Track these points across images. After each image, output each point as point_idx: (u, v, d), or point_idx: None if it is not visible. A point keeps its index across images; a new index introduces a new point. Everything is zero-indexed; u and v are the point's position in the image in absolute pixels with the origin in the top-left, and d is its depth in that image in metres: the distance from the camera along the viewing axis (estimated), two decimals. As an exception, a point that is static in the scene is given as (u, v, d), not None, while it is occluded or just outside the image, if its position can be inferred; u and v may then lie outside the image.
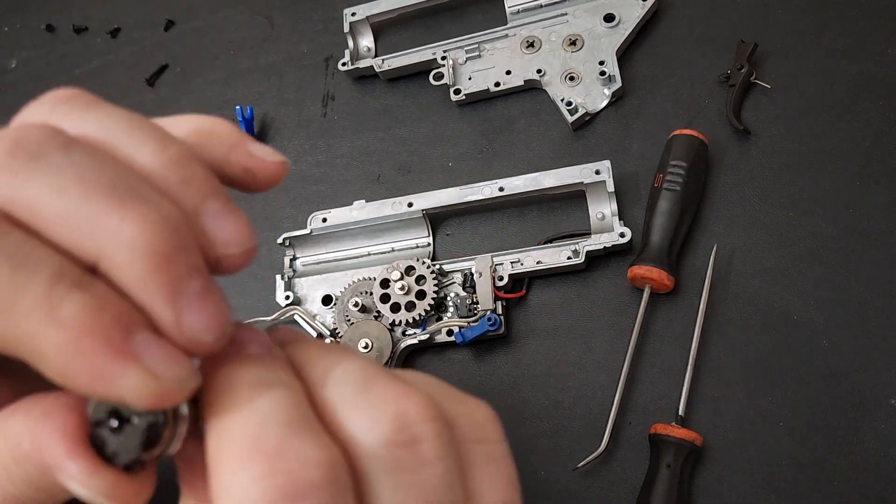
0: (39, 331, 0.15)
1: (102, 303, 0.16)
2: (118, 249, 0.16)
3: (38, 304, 0.15)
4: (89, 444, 0.17)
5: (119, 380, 0.15)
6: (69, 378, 0.15)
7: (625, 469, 0.45)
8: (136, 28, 0.75)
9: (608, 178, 0.49)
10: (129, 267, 0.16)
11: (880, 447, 0.42)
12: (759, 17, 0.55)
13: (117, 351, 0.15)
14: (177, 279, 0.16)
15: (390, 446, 0.17)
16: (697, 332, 0.46)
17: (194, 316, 0.16)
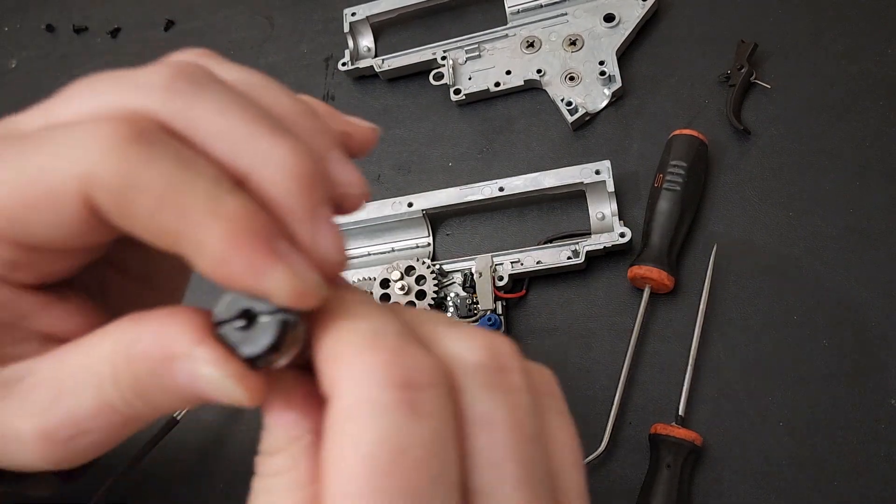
0: (203, 223, 0.17)
1: (256, 207, 0.18)
2: (270, 168, 0.18)
3: (203, 199, 0.17)
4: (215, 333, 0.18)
5: (268, 274, 0.17)
6: (224, 268, 0.17)
7: (625, 469, 0.45)
8: (136, 28, 0.75)
9: (608, 178, 0.49)
10: (278, 184, 0.18)
11: (880, 447, 0.42)
12: (759, 17, 0.55)
13: (269, 248, 0.18)
14: (317, 202, 0.19)
15: (485, 368, 0.20)
16: (697, 332, 0.46)
17: (327, 236, 0.19)
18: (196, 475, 0.52)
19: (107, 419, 0.20)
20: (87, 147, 0.18)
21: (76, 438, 0.21)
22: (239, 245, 0.17)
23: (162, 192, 0.17)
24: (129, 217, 0.18)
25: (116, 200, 0.18)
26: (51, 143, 0.18)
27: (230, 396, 0.19)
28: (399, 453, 0.17)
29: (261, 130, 0.19)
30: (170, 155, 0.18)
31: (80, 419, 0.20)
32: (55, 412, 0.20)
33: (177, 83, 0.20)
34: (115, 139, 0.18)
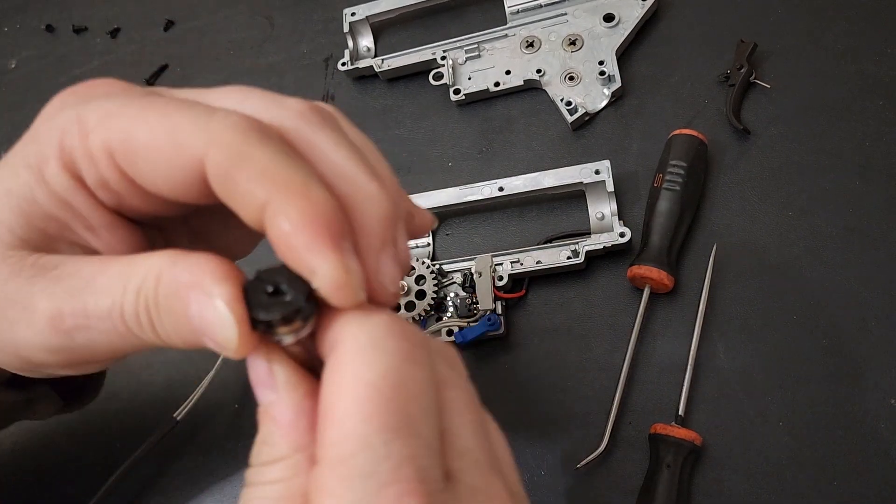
0: (288, 197, 0.20)
1: (338, 209, 0.21)
2: (365, 199, 0.22)
3: (296, 180, 0.21)
4: (241, 288, 0.21)
5: (322, 256, 0.21)
6: (291, 239, 0.21)
7: (625, 469, 0.45)
8: (136, 28, 0.75)
9: (608, 178, 0.49)
10: (367, 213, 0.22)
11: (880, 447, 0.42)
12: (759, 17, 0.55)
13: (334, 237, 0.21)
14: (392, 235, 0.23)
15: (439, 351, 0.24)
16: (697, 332, 0.46)
17: (390, 265, 0.23)
18: (196, 475, 0.52)
19: (112, 324, 0.23)
20: (219, 123, 0.21)
21: (78, 330, 0.23)
22: (311, 223, 0.20)
23: (265, 167, 0.21)
24: (232, 183, 0.21)
25: (227, 166, 0.21)
26: (193, 111, 0.22)
27: (224, 337, 0.21)
28: (399, 386, 0.21)
29: (365, 171, 0.23)
30: (280, 148, 0.21)
31: (90, 313, 0.23)
32: (72, 301, 0.23)
33: (311, 115, 0.23)
34: (240, 124, 0.21)
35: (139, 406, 0.56)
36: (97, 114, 0.23)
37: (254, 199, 0.21)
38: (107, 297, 0.22)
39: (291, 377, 0.22)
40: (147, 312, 0.22)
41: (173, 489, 0.52)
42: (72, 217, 0.24)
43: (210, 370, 0.51)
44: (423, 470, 0.20)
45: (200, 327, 0.21)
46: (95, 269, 0.23)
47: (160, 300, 0.22)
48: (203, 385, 0.51)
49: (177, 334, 0.22)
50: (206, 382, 0.51)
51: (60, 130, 0.23)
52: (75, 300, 0.23)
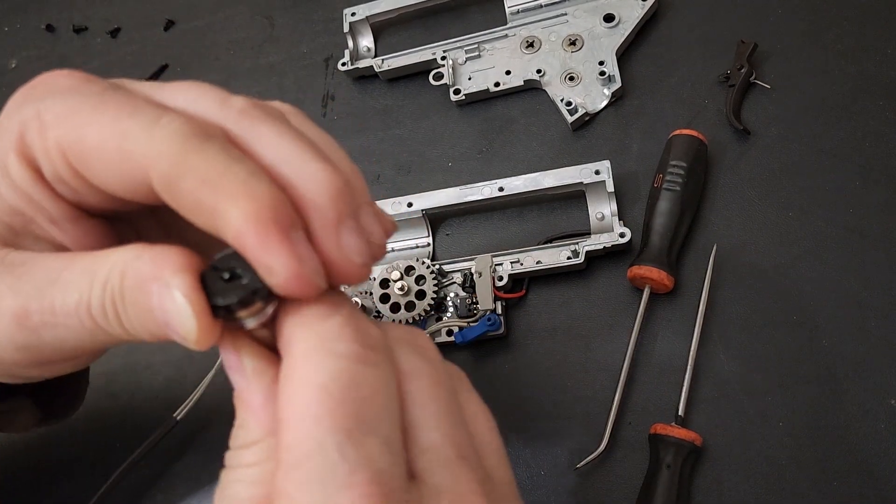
0: (232, 199, 0.21)
1: (283, 199, 0.21)
2: (309, 179, 0.22)
3: (237, 182, 0.21)
4: (198, 277, 0.21)
5: (275, 251, 0.21)
6: (241, 237, 0.21)
7: (625, 469, 0.45)
8: (136, 28, 0.75)
9: (608, 179, 0.49)
10: (314, 193, 0.22)
11: (880, 447, 0.42)
12: (759, 17, 0.55)
13: (283, 231, 0.21)
14: (346, 212, 0.22)
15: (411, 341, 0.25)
16: (697, 332, 0.46)
17: (351, 239, 0.22)
18: (196, 475, 0.52)
19: (79, 320, 0.23)
20: (161, 130, 0.22)
21: (45, 328, 0.23)
22: (256, 222, 0.20)
23: (205, 174, 0.21)
24: (176, 193, 0.21)
25: (169, 177, 0.21)
26: (141, 116, 0.22)
27: (185, 328, 0.21)
28: (350, 387, 0.21)
29: (308, 154, 0.23)
30: (221, 150, 0.22)
31: (57, 309, 0.23)
32: (38, 297, 0.23)
33: (253, 111, 0.23)
34: (182, 131, 0.22)
35: (139, 406, 0.56)
36: (54, 111, 0.23)
37: (200, 206, 0.21)
38: (73, 292, 0.23)
39: (258, 364, 0.22)
40: (113, 306, 0.22)
41: (173, 489, 0.52)
42: (35, 210, 0.24)
43: (210, 370, 0.51)
44: (381, 472, 0.20)
45: (163, 319, 0.21)
46: (62, 265, 0.23)
47: (125, 293, 0.22)
48: (203, 385, 0.51)
49: (143, 327, 0.22)
50: (206, 382, 0.51)
51: (21, 125, 0.23)
52: (42, 297, 0.23)
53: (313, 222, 0.22)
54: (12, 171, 0.24)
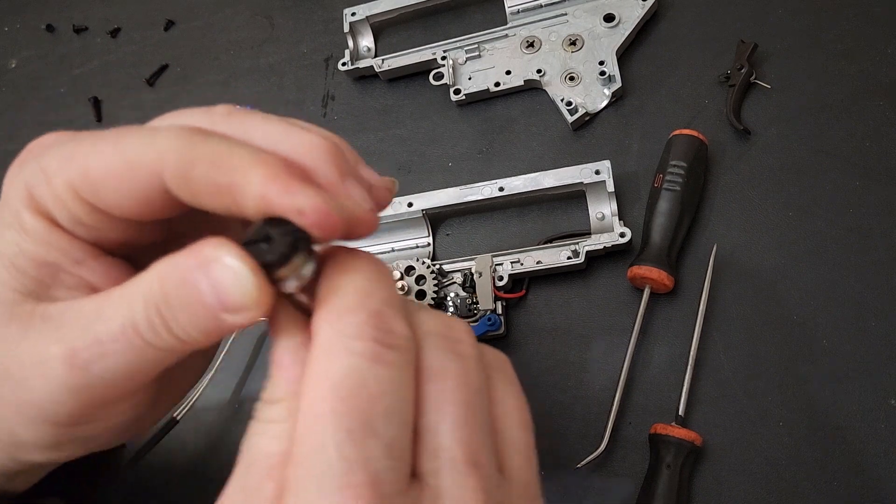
0: (248, 171, 0.22)
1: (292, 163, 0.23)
2: (305, 148, 0.24)
3: (246, 156, 0.22)
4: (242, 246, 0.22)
5: (299, 193, 0.22)
6: (265, 196, 0.22)
7: (625, 469, 0.45)
8: (136, 28, 0.75)
9: (608, 178, 0.49)
10: (312, 158, 0.24)
11: (880, 447, 0.42)
12: (759, 17, 0.55)
13: (301, 179, 0.22)
14: (344, 168, 0.24)
15: (443, 335, 0.24)
16: (697, 332, 0.46)
17: (355, 189, 0.24)
18: (196, 475, 0.52)
19: (127, 342, 0.23)
20: (161, 137, 0.23)
21: (94, 361, 0.23)
22: (276, 177, 0.22)
23: (214, 157, 0.22)
24: (193, 183, 0.23)
25: (181, 169, 0.22)
26: (138, 134, 0.24)
27: (243, 293, 0.22)
28: (358, 387, 0.21)
29: (296, 129, 0.24)
30: (218, 138, 0.23)
31: (103, 339, 0.23)
32: (83, 336, 0.23)
33: (236, 111, 0.26)
34: (182, 131, 0.23)
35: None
36: (56, 160, 0.24)
37: (217, 187, 0.22)
38: (115, 319, 0.23)
39: (288, 325, 0.23)
40: (159, 315, 0.22)
41: (173, 489, 0.52)
42: (59, 256, 0.25)
43: (210, 370, 0.51)
44: (377, 473, 0.20)
45: (216, 299, 0.22)
46: (99, 302, 0.24)
47: (170, 295, 0.22)
48: (203, 385, 0.51)
49: (194, 325, 0.22)
50: (206, 382, 0.51)
51: (26, 184, 0.25)
52: (87, 334, 0.23)
53: (321, 182, 0.24)
54: (29, 227, 0.25)
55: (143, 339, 0.23)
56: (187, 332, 0.23)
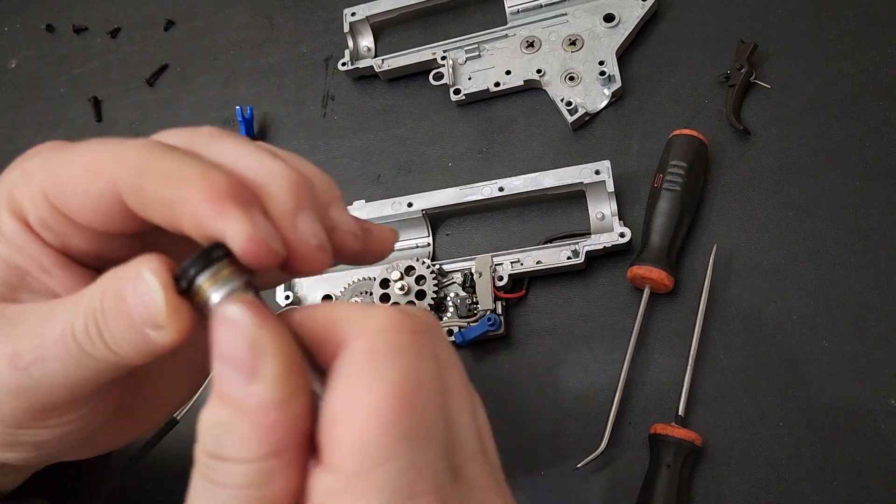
0: (191, 188, 0.22)
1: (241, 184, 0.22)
2: (270, 176, 0.23)
3: (195, 174, 0.22)
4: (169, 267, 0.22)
5: (229, 218, 0.21)
6: (197, 215, 0.21)
7: (625, 469, 0.45)
8: (136, 28, 0.75)
9: (608, 178, 0.49)
10: (272, 186, 0.23)
11: (880, 447, 0.42)
12: (759, 17, 0.55)
13: (240, 202, 0.22)
14: (303, 201, 0.23)
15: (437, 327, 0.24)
16: (697, 332, 0.46)
17: (307, 224, 0.23)
18: (196, 475, 0.52)
19: (65, 348, 0.23)
20: (125, 149, 0.23)
21: (35, 364, 0.23)
22: (211, 196, 0.21)
23: (165, 172, 0.22)
24: (142, 197, 0.22)
25: (134, 180, 0.22)
26: (109, 145, 0.24)
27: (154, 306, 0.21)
28: (417, 391, 0.20)
29: (266, 156, 0.24)
30: (180, 154, 0.23)
31: (45, 342, 0.23)
32: (28, 336, 0.24)
33: (220, 132, 0.25)
34: (144, 146, 0.23)
35: (139, 406, 0.56)
36: (36, 163, 0.25)
37: (162, 201, 0.22)
38: (59, 323, 0.23)
39: (285, 370, 0.20)
40: (95, 323, 0.22)
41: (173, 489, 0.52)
42: (27, 261, 0.25)
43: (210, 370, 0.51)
44: (438, 475, 0.20)
45: (135, 310, 0.21)
46: (50, 307, 0.24)
47: (105, 306, 0.22)
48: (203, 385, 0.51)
49: (124, 337, 0.22)
50: (206, 382, 0.51)
51: (10, 184, 0.25)
52: (32, 335, 0.23)
53: (272, 210, 0.23)
54: (4, 226, 0.25)
55: (79, 347, 0.23)
56: (118, 345, 0.22)
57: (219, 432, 0.21)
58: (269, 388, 0.20)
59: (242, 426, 0.20)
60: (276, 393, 0.20)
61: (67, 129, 0.71)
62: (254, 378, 0.20)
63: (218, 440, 0.21)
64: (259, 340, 0.20)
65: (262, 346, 0.20)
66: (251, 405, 0.20)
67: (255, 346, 0.20)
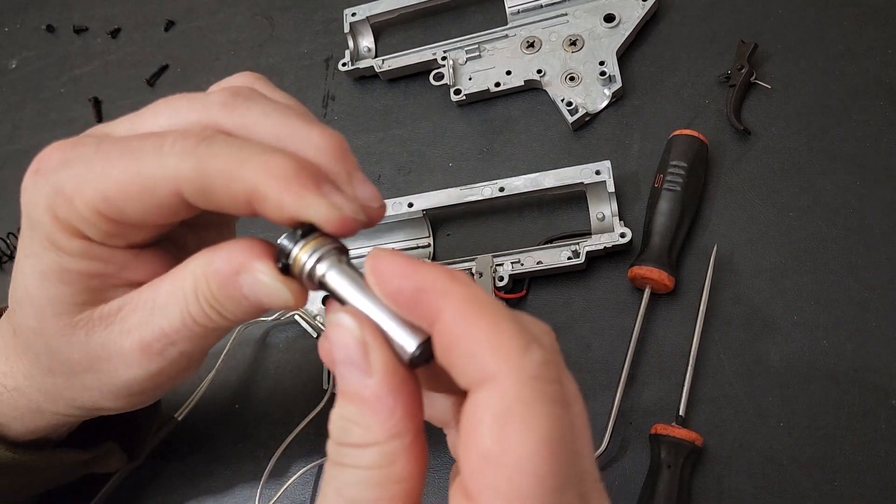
0: (262, 182, 0.24)
1: (301, 162, 0.24)
2: (311, 144, 0.25)
3: (256, 166, 0.24)
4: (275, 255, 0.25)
5: (312, 205, 0.24)
6: (282, 209, 0.24)
7: (625, 469, 0.45)
8: (136, 28, 0.75)
9: (608, 179, 0.49)
10: (319, 154, 0.25)
11: (880, 447, 0.42)
12: (759, 17, 0.55)
13: (314, 185, 0.24)
14: (351, 167, 0.26)
15: None
16: (697, 332, 0.46)
17: (364, 187, 0.26)
18: (196, 475, 0.52)
19: (189, 331, 0.27)
20: (172, 157, 0.24)
21: (168, 348, 0.28)
22: (289, 187, 0.23)
23: (228, 171, 0.24)
24: (212, 196, 0.24)
25: (199, 189, 0.24)
26: (147, 152, 0.25)
27: (280, 297, 0.25)
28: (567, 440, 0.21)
29: (299, 123, 0.25)
30: (229, 145, 0.24)
31: (169, 332, 0.27)
32: (150, 327, 0.27)
33: (233, 100, 0.26)
34: (188, 148, 0.24)
35: (139, 406, 0.56)
36: (71, 182, 0.26)
37: (235, 197, 0.24)
38: (174, 313, 0.27)
39: (390, 361, 0.22)
40: (211, 307, 0.26)
41: (173, 489, 0.52)
42: (103, 266, 0.28)
43: (210, 370, 0.51)
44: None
45: (258, 299, 0.25)
46: (149, 296, 0.28)
47: (216, 293, 0.26)
48: (203, 385, 0.51)
49: (243, 311, 0.26)
50: (206, 382, 0.51)
51: (47, 207, 0.26)
52: (151, 327, 0.27)
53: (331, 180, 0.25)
54: (66, 247, 0.27)
55: (200, 326, 0.27)
56: (237, 316, 0.27)
57: (344, 424, 0.22)
58: (381, 379, 0.22)
59: (364, 415, 0.22)
60: (388, 382, 0.22)
61: (67, 129, 0.71)
62: (367, 372, 0.22)
63: (345, 430, 0.22)
64: (365, 339, 0.22)
65: (369, 344, 0.22)
66: (369, 395, 0.22)
67: (363, 344, 0.22)
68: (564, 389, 0.22)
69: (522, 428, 0.20)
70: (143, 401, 0.32)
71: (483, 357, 0.21)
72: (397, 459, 0.22)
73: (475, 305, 0.22)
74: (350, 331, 0.22)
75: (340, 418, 0.23)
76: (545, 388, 0.21)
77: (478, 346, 0.21)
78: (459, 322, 0.21)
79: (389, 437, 0.22)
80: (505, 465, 0.20)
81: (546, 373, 0.21)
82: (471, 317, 0.22)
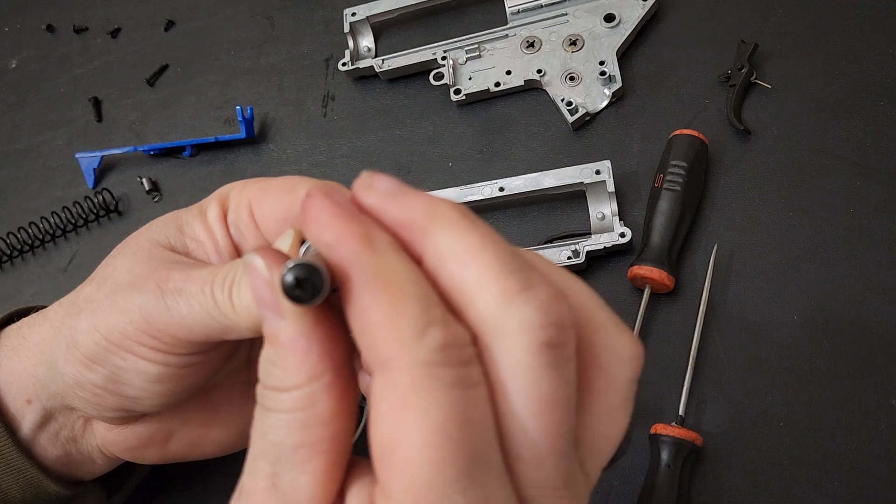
0: None
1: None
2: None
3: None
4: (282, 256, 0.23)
5: None
6: None
7: (625, 469, 0.45)
8: (136, 28, 0.75)
9: (608, 179, 0.49)
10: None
11: (880, 447, 0.42)
12: (759, 17, 0.55)
13: None
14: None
15: None
16: (697, 332, 0.46)
17: None
18: (196, 475, 0.52)
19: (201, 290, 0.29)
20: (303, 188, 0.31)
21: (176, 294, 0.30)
22: None
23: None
24: None
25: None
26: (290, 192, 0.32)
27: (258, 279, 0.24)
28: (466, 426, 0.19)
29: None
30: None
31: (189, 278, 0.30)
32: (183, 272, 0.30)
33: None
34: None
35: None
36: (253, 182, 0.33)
37: None
38: (206, 272, 0.29)
39: (310, 334, 0.22)
40: (230, 285, 0.28)
41: (173, 489, 0.52)
42: (212, 242, 0.33)
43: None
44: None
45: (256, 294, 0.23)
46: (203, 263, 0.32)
47: (238, 275, 0.28)
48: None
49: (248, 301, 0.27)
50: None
51: (227, 189, 0.34)
52: (184, 272, 0.30)
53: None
54: (209, 213, 0.33)
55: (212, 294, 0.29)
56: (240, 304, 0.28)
57: (267, 366, 0.22)
58: (293, 321, 0.21)
59: (282, 357, 0.22)
60: (301, 323, 0.21)
61: (67, 129, 0.71)
62: (280, 314, 0.22)
63: (267, 372, 0.22)
64: (274, 280, 0.22)
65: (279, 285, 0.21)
66: (284, 337, 0.22)
67: (273, 285, 0.22)
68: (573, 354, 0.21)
69: (416, 416, 0.19)
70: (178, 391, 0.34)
71: (377, 341, 0.20)
72: (317, 401, 0.21)
73: (377, 281, 0.20)
74: (260, 271, 0.22)
75: (264, 360, 0.22)
76: (441, 374, 0.19)
77: (374, 328, 0.20)
78: (358, 299, 0.20)
79: (308, 380, 0.21)
80: (400, 456, 0.19)
81: (443, 357, 0.19)
82: (368, 294, 0.20)
